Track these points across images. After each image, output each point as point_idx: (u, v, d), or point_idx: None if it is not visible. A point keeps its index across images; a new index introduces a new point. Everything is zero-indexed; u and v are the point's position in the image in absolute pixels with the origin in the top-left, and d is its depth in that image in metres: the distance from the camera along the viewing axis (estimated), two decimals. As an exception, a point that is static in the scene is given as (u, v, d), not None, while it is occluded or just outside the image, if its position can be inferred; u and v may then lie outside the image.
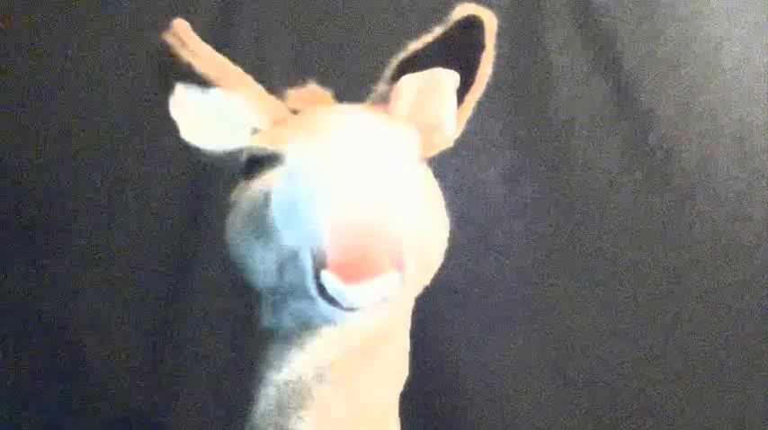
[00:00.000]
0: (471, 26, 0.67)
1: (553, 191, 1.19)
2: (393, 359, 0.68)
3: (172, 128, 1.18)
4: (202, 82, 0.67)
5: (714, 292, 1.17)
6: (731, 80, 1.16)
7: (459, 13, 0.67)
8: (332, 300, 0.56)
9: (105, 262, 1.21)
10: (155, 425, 1.23)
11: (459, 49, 0.68)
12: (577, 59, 1.18)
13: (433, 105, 0.69)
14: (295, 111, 0.70)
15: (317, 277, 0.56)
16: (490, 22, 0.67)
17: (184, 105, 0.69)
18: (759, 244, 1.16)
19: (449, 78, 0.69)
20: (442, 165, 1.17)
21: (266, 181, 0.61)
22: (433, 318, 1.20)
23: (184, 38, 0.67)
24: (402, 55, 0.69)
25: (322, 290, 0.56)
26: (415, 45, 0.68)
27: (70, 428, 1.23)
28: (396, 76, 0.69)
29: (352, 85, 0.74)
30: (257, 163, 0.64)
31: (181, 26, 0.68)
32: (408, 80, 0.68)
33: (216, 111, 0.68)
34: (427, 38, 0.68)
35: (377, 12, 1.18)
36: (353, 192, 0.52)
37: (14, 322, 1.22)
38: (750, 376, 1.18)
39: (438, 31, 0.68)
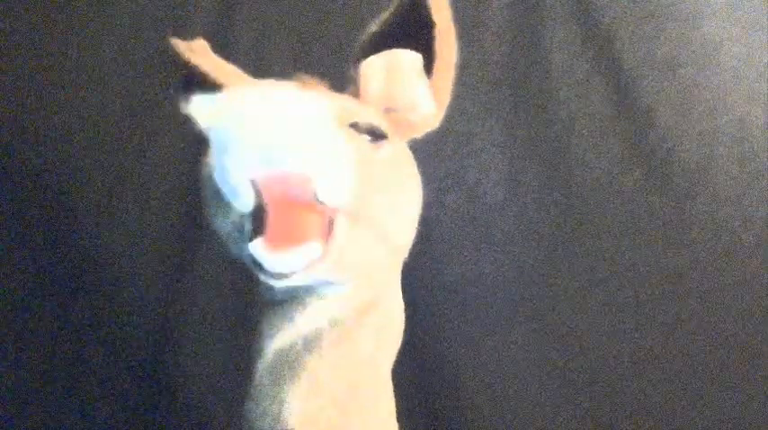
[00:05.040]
0: (415, 4, 0.67)
1: (553, 191, 1.19)
2: (382, 330, 0.69)
3: (172, 128, 1.19)
4: (214, 87, 0.69)
5: (714, 292, 1.17)
6: (731, 80, 1.16)
7: None
8: (259, 267, 0.57)
9: (105, 262, 1.21)
10: (155, 425, 1.23)
11: (410, 29, 0.68)
12: (577, 59, 1.17)
13: (401, 85, 0.69)
14: None
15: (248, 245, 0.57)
16: None
17: (201, 106, 0.70)
18: (759, 244, 1.16)
19: (408, 58, 0.68)
20: (443, 166, 1.18)
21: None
22: (433, 318, 1.20)
23: (202, 53, 0.73)
24: (362, 38, 0.69)
25: (251, 258, 0.57)
26: (372, 27, 0.69)
27: (70, 428, 1.23)
28: (359, 59, 0.69)
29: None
30: None
31: (200, 45, 0.74)
32: (369, 63, 0.69)
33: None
34: (380, 18, 0.68)
35: (377, 12, 1.17)
36: (265, 148, 0.51)
37: (14, 322, 1.22)
38: (750, 376, 1.18)
39: (386, 12, 0.68)
